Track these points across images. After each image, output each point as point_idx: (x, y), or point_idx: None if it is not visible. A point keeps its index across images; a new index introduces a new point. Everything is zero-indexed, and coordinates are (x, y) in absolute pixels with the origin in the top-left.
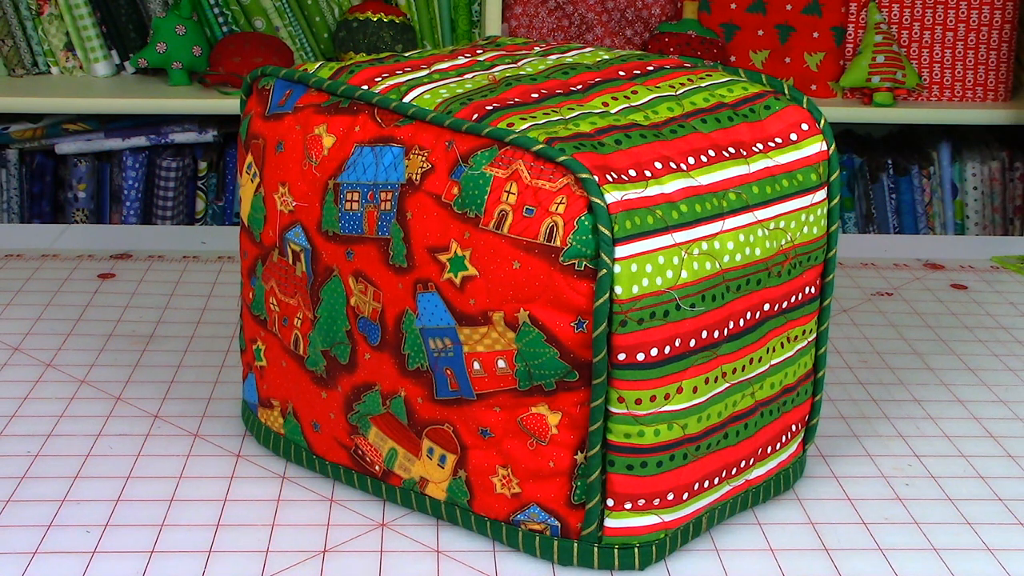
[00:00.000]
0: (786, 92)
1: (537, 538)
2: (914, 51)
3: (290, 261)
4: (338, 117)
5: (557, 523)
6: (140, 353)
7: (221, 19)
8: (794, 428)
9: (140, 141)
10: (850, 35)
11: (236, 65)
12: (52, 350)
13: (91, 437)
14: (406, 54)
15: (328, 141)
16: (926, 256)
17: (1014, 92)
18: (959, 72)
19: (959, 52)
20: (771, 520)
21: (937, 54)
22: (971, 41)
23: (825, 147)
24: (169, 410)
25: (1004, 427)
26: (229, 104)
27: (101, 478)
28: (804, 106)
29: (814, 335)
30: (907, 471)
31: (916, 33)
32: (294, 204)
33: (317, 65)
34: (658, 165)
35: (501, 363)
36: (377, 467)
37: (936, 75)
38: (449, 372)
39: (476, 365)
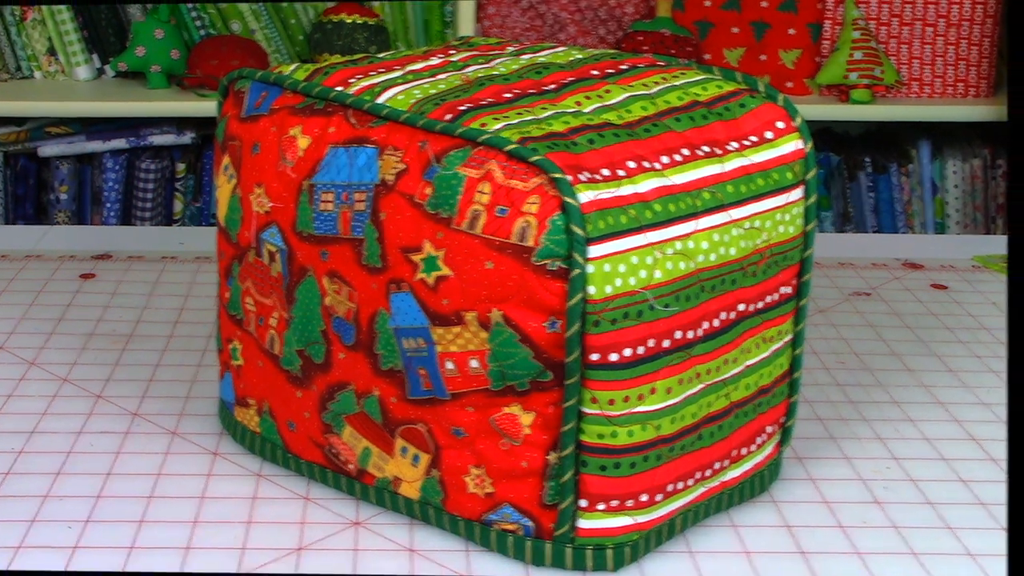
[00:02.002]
0: (761, 90)
1: (510, 538)
2: (893, 47)
3: (266, 261)
4: (313, 118)
5: (530, 523)
6: (120, 352)
7: (199, 22)
8: (770, 429)
9: (120, 143)
10: (827, 31)
11: (213, 68)
12: (35, 349)
13: (73, 435)
14: (380, 55)
15: (303, 142)
16: (905, 256)
17: (996, 88)
18: (939, 68)
19: (939, 48)
20: (746, 522)
21: (917, 50)
22: (952, 36)
23: (801, 145)
24: (148, 408)
25: (986, 430)
26: (207, 106)
27: (83, 475)
28: (779, 104)
29: (791, 335)
30: (886, 474)
31: (895, 29)
32: (270, 205)
33: (292, 67)
34: (632, 164)
35: (474, 363)
36: (351, 466)
37: (916, 71)
38: (422, 372)
39: (449, 365)
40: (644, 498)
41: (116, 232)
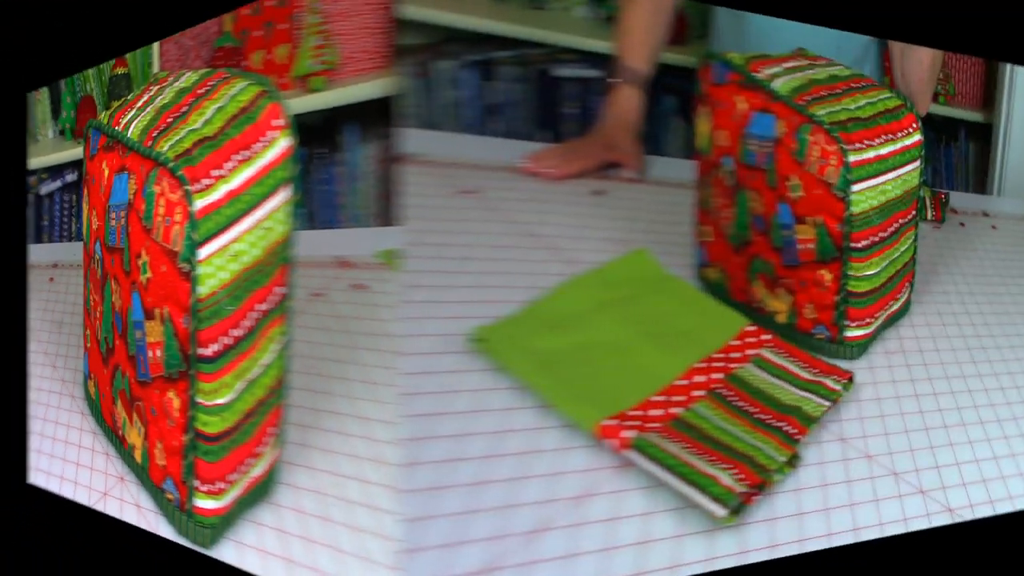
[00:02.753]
0: (270, 89)
1: (170, 507)
2: (340, 25)
3: (96, 267)
4: (109, 153)
5: (178, 497)
6: (59, 335)
7: (77, 87)
8: (273, 431)
9: (59, 184)
10: (299, 19)
11: (84, 121)
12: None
13: (45, 392)
14: (130, 96)
15: (106, 172)
16: (337, 253)
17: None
18: (363, 42)
19: (367, 18)
20: (267, 522)
21: (350, 25)
22: None
23: (289, 142)
24: (68, 376)
25: (378, 474)
26: None
27: (41, 420)
28: (277, 102)
29: (287, 336)
30: (348, 494)
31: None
32: (97, 223)
33: (103, 115)
34: (216, 172)
35: (158, 353)
36: (120, 432)
37: (350, 49)
38: (142, 358)
39: (151, 354)
40: (221, 485)
41: (58, 248)
